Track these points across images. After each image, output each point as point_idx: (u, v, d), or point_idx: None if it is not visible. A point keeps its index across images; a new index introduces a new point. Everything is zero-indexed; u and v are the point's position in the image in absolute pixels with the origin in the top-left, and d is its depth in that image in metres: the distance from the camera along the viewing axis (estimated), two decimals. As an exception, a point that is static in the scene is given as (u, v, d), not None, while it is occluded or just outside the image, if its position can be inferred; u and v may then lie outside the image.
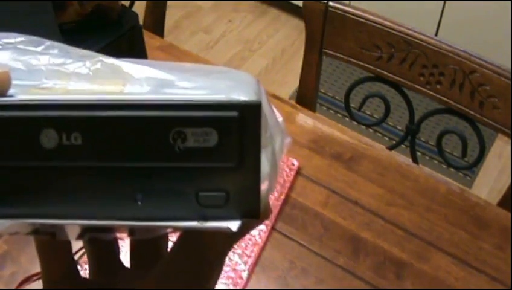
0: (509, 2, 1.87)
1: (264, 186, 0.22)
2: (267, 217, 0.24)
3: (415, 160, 1.10)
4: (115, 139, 0.20)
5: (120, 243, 0.31)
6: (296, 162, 0.86)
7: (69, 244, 0.29)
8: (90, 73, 0.23)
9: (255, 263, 0.75)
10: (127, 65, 0.23)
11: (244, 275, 0.73)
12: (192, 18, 2.49)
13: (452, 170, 1.84)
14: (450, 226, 0.80)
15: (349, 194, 0.84)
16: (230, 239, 0.25)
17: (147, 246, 0.30)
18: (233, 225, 0.21)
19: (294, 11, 2.46)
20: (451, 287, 0.74)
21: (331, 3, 1.02)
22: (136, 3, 1.31)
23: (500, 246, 0.78)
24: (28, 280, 0.71)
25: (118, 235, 0.27)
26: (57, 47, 0.25)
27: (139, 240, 0.30)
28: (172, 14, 2.42)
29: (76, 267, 0.30)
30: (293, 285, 0.73)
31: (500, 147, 2.00)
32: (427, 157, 1.95)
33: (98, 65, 0.23)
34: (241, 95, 0.21)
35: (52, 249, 0.28)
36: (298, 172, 0.86)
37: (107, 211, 0.21)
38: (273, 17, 2.53)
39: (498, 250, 0.78)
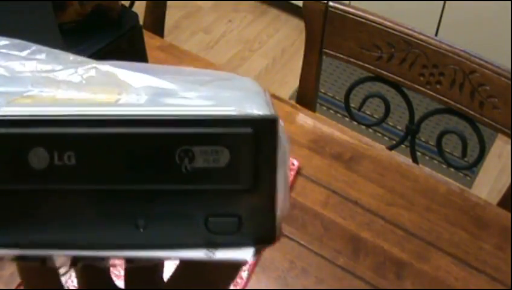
0: (509, 2, 1.87)
1: (279, 210, 0.20)
2: (278, 240, 0.21)
3: (415, 160, 1.10)
4: (114, 159, 0.18)
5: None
6: (296, 162, 0.86)
7: (56, 271, 0.26)
8: (83, 81, 0.21)
9: (255, 263, 0.75)
10: (124, 72, 0.21)
11: (244, 275, 0.73)
12: (192, 18, 2.49)
13: (452, 170, 1.84)
14: (450, 226, 0.80)
15: (349, 194, 0.84)
16: (238, 265, 0.23)
17: (142, 270, 0.27)
18: (247, 254, 0.19)
19: (294, 11, 2.45)
20: (451, 287, 0.74)
21: (331, 3, 1.02)
22: (136, 3, 1.31)
23: (500, 246, 0.78)
24: (28, 280, 0.71)
25: (114, 262, 0.24)
26: (44, 51, 0.23)
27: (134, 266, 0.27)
28: (172, 14, 2.42)
29: None
30: (293, 285, 0.73)
31: (500, 147, 2.00)
32: (427, 157, 1.95)
33: (92, 72, 0.21)
34: (254, 107, 0.19)
35: (38, 276, 0.25)
36: (298, 172, 0.86)
37: (105, 239, 0.19)
38: (273, 17, 2.53)
39: (498, 250, 0.78)
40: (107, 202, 0.19)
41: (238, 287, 0.72)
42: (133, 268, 0.26)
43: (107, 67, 0.22)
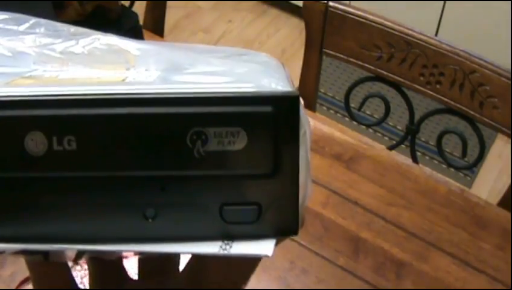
0: (509, 2, 1.87)
1: (301, 196, 0.17)
2: (300, 228, 0.19)
3: (415, 160, 1.10)
4: (119, 143, 0.16)
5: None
6: (296, 162, 0.86)
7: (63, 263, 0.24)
8: (85, 52, 0.19)
9: (255, 263, 0.74)
10: (131, 45, 0.19)
11: (244, 275, 0.73)
12: (192, 18, 2.49)
13: (452, 170, 1.83)
14: (450, 226, 0.80)
15: (349, 194, 0.83)
16: (254, 262, 0.21)
17: (155, 259, 0.25)
18: (267, 248, 0.17)
19: (294, 11, 2.45)
20: (451, 287, 0.74)
21: (331, 3, 1.02)
22: (136, 3, 1.31)
23: (500, 246, 0.78)
24: (28, 280, 0.71)
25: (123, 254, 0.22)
26: (43, 24, 0.21)
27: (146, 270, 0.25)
28: (172, 14, 2.42)
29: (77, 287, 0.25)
30: (293, 285, 0.73)
31: (500, 147, 2.00)
32: (427, 157, 1.95)
33: (96, 44, 0.19)
34: (273, 82, 0.16)
35: (45, 268, 0.23)
36: (298, 172, 0.86)
37: (110, 232, 0.17)
38: (273, 17, 2.53)
39: (498, 250, 0.78)
40: (111, 191, 0.16)
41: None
42: (146, 258, 0.25)
43: (111, 37, 0.19)
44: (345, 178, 0.86)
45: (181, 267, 0.24)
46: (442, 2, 2.03)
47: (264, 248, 0.16)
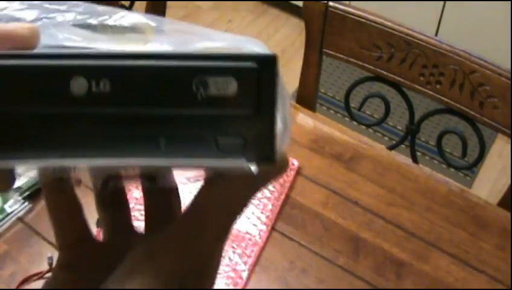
0: (509, 2, 1.87)
1: (279, 135, 0.23)
2: (284, 168, 0.25)
3: (415, 160, 1.10)
4: (141, 87, 0.22)
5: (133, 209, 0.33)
6: (296, 162, 0.86)
7: (81, 208, 0.30)
8: (116, 26, 0.25)
9: (255, 263, 0.75)
10: (151, 21, 0.25)
11: (244, 275, 0.73)
12: (192, 18, 2.49)
13: (452, 170, 1.84)
14: (450, 226, 0.80)
15: (349, 194, 0.84)
16: (251, 185, 0.26)
17: (160, 209, 0.31)
18: (251, 167, 0.22)
19: (294, 11, 2.45)
20: (451, 287, 0.74)
21: (331, 3, 1.02)
22: (136, 3, 1.31)
23: (500, 246, 0.78)
24: (28, 280, 0.71)
25: (138, 182, 0.29)
26: (81, 5, 0.27)
27: (153, 204, 0.31)
28: (172, 14, 2.41)
29: (90, 230, 0.31)
30: (293, 285, 0.73)
31: (500, 147, 2.00)
32: (427, 157, 1.95)
33: (121, 21, 0.25)
34: (259, 50, 0.22)
35: (66, 213, 0.30)
36: (298, 172, 0.86)
37: (132, 154, 0.22)
38: (273, 17, 2.53)
39: (498, 250, 0.78)
40: (135, 123, 0.22)
41: (238, 287, 0.72)
42: (150, 191, 0.31)
43: (135, 16, 0.26)
44: (345, 178, 0.86)
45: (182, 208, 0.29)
46: (442, 2, 2.03)
47: (250, 165, 0.22)
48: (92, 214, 0.33)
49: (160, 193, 0.31)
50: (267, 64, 0.22)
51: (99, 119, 0.22)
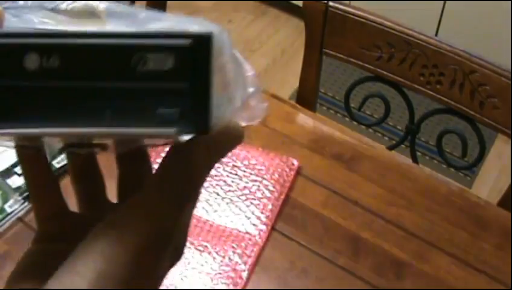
0: (509, 2, 1.87)
1: (221, 106, 0.25)
2: (239, 138, 0.28)
3: (415, 160, 1.10)
4: (87, 63, 0.24)
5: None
6: (296, 162, 0.86)
7: (57, 181, 0.33)
8: (68, 9, 0.28)
9: (255, 263, 0.75)
10: (102, 5, 0.27)
11: (244, 275, 0.73)
12: (192, 18, 2.49)
13: (452, 170, 1.84)
14: (450, 226, 0.80)
15: (349, 194, 0.84)
16: (210, 154, 0.28)
17: (132, 181, 0.33)
18: (186, 137, 0.24)
19: (294, 11, 2.45)
20: (451, 287, 0.74)
21: (331, 3, 1.02)
22: (136, 3, 1.31)
23: (500, 246, 0.78)
24: (28, 280, 0.71)
25: (97, 149, 0.31)
26: None
27: (124, 177, 0.33)
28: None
29: (66, 204, 0.33)
30: (293, 285, 0.73)
31: (500, 147, 2.00)
32: (427, 157, 1.95)
33: (75, 3, 0.28)
34: (197, 28, 0.24)
35: (43, 187, 0.32)
36: (298, 172, 0.86)
37: (83, 124, 0.24)
38: (273, 17, 2.53)
39: (498, 250, 0.78)
40: (83, 96, 0.24)
41: (238, 287, 0.72)
42: (123, 155, 0.33)
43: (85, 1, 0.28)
44: (345, 178, 0.86)
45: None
46: (442, 2, 2.03)
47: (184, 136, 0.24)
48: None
49: (131, 162, 0.33)
50: (201, 42, 0.24)
51: (51, 92, 0.24)
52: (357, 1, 1.87)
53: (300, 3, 1.56)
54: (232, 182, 0.83)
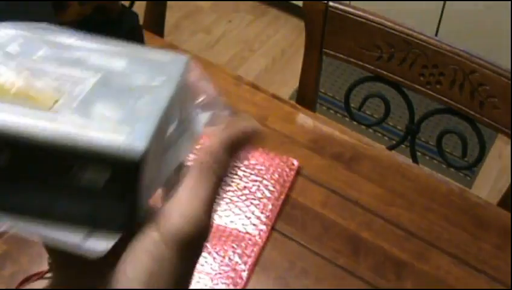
0: (509, 2, 1.87)
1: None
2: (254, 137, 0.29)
3: (415, 160, 1.10)
4: (33, 162, 0.24)
5: None
6: (296, 162, 0.86)
7: None
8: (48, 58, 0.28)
9: (255, 263, 0.75)
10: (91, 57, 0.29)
11: (244, 275, 0.73)
12: (192, 18, 2.49)
13: (452, 170, 1.84)
14: (450, 226, 0.80)
15: (349, 194, 0.84)
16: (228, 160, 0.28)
17: None
18: (102, 246, 0.24)
19: (294, 11, 2.46)
20: (451, 287, 0.74)
21: (331, 3, 1.02)
22: (136, 3, 1.31)
23: (500, 246, 0.78)
24: (28, 280, 0.71)
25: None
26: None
27: None
28: (172, 14, 2.42)
29: None
30: (293, 285, 0.73)
31: (500, 147, 2.00)
32: (427, 157, 1.95)
33: (62, 54, 0.29)
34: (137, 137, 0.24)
35: None
36: (298, 172, 0.86)
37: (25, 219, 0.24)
38: (273, 17, 2.53)
39: (498, 250, 0.78)
40: (26, 192, 0.24)
41: (238, 287, 0.72)
42: None
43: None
44: (345, 178, 0.86)
45: None
46: (442, 2, 2.03)
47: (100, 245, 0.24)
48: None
49: None
50: (126, 171, 0.23)
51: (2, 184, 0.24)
52: (357, 1, 1.87)
53: (300, 3, 1.57)
54: (232, 182, 0.83)
